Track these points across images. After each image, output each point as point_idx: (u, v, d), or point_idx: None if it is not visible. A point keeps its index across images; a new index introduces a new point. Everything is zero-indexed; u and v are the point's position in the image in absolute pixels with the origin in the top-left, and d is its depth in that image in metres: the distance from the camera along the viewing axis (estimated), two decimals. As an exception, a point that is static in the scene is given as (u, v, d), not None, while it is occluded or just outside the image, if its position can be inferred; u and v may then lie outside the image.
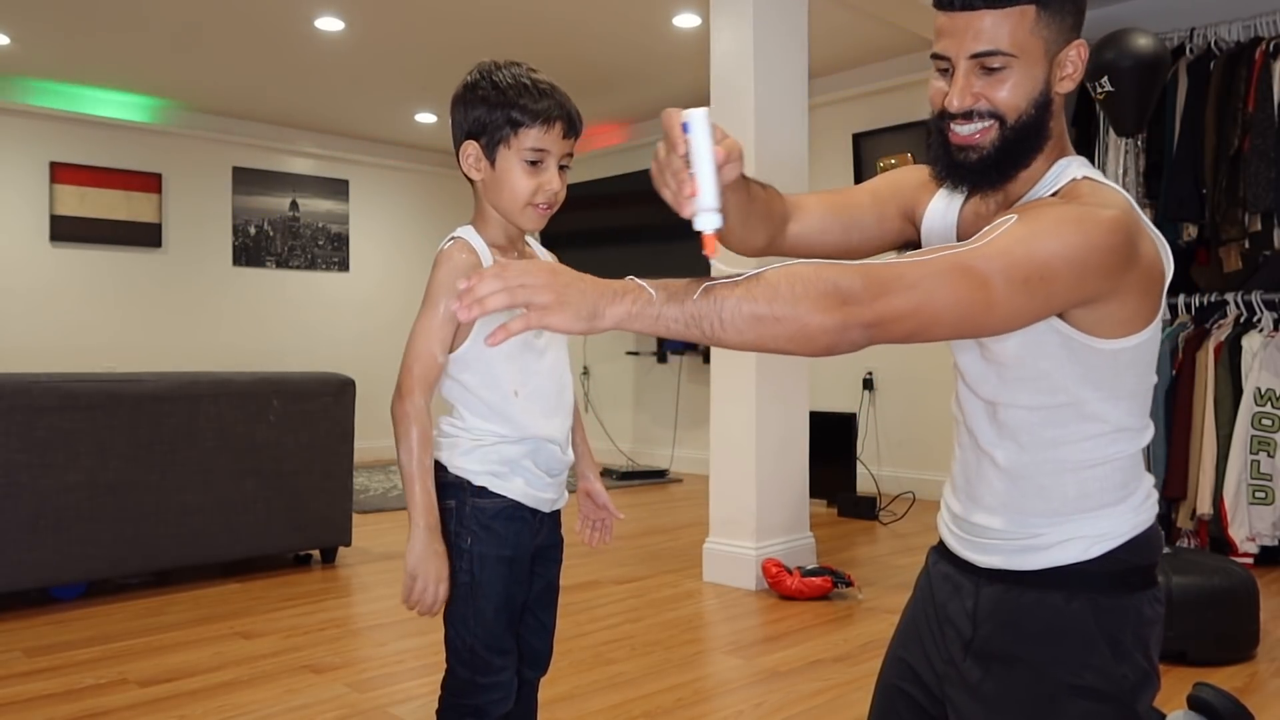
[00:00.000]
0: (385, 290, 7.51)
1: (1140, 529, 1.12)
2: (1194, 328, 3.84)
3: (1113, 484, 1.11)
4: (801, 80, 3.59)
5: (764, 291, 0.92)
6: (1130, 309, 1.03)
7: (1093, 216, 0.98)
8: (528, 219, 1.37)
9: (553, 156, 1.35)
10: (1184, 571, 2.52)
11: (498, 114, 1.33)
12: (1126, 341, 1.05)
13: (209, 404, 3.40)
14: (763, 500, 3.41)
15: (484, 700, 1.38)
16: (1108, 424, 1.10)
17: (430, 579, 1.32)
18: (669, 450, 6.79)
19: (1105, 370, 1.07)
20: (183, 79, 5.80)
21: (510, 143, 1.34)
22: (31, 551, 3.00)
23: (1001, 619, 1.14)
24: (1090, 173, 1.07)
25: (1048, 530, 1.12)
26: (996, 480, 1.15)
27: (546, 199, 1.36)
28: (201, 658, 2.61)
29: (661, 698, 2.29)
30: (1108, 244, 0.97)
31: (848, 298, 0.92)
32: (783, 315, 0.91)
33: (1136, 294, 1.03)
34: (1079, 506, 1.11)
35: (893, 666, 1.28)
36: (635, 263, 6.51)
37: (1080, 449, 1.10)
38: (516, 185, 1.35)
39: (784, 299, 0.92)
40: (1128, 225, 0.99)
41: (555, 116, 1.34)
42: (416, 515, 1.32)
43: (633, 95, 6.23)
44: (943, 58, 1.07)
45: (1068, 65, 1.07)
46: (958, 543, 1.22)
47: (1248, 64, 3.68)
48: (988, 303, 0.95)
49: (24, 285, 5.97)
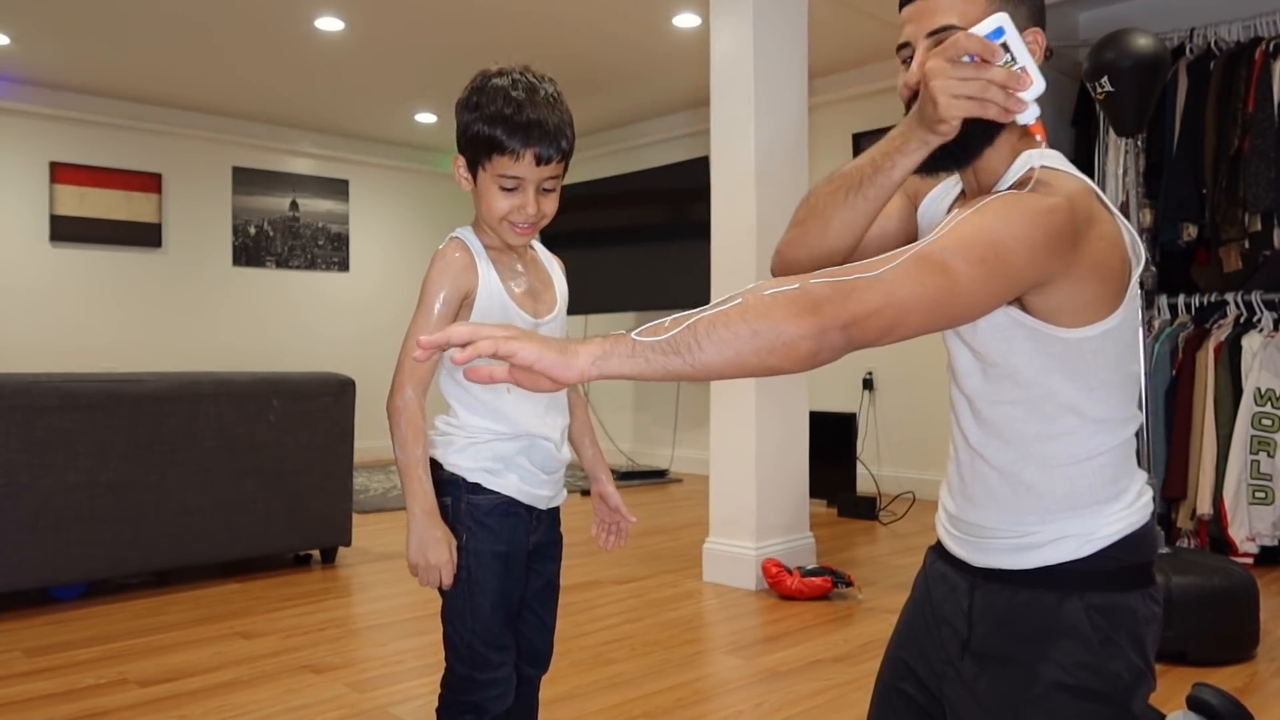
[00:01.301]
0: (385, 290, 7.51)
1: (1134, 527, 1.12)
2: (1194, 328, 3.84)
3: (1103, 480, 1.12)
4: (801, 80, 3.59)
5: (737, 310, 0.93)
6: (1087, 295, 1.06)
7: (1035, 201, 1.02)
8: (508, 235, 1.38)
9: (529, 183, 1.34)
10: (1184, 571, 2.52)
11: (474, 135, 1.34)
12: (1090, 330, 1.07)
13: (209, 404, 3.40)
14: (763, 500, 3.41)
15: (483, 696, 1.39)
16: (1085, 416, 1.10)
17: (430, 565, 1.33)
18: (669, 450, 6.79)
19: (1074, 360, 1.08)
20: (183, 79, 5.80)
21: (485, 166, 1.35)
22: (31, 551, 3.00)
23: (996, 619, 1.14)
24: (1051, 162, 1.10)
25: (1040, 528, 1.12)
26: (988, 478, 1.17)
27: (524, 219, 1.36)
28: (201, 658, 2.61)
29: (661, 698, 2.29)
30: (1049, 224, 1.00)
31: (819, 301, 0.93)
32: (759, 328, 0.92)
33: (1092, 280, 1.05)
34: (1070, 504, 1.12)
35: (891, 666, 1.28)
36: (635, 263, 6.51)
37: (1063, 444, 1.11)
38: (493, 205, 1.36)
39: (756, 311, 0.93)
40: (1071, 209, 1.02)
41: (525, 148, 1.31)
42: (412, 505, 1.34)
43: (633, 95, 6.23)
44: (906, 45, 1.14)
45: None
46: (953, 542, 1.23)
47: (1248, 64, 3.68)
48: (951, 286, 0.97)
49: (24, 285, 5.98)
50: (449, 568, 1.34)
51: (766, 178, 3.42)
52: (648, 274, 6.43)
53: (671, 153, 6.70)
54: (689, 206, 6.02)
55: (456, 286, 1.36)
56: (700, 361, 0.92)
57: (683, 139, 6.65)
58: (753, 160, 3.39)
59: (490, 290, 1.38)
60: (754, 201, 3.39)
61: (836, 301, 0.93)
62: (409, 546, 1.34)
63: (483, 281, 1.38)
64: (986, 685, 1.12)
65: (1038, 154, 1.11)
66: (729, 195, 3.48)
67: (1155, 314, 3.93)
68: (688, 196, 6.05)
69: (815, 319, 0.93)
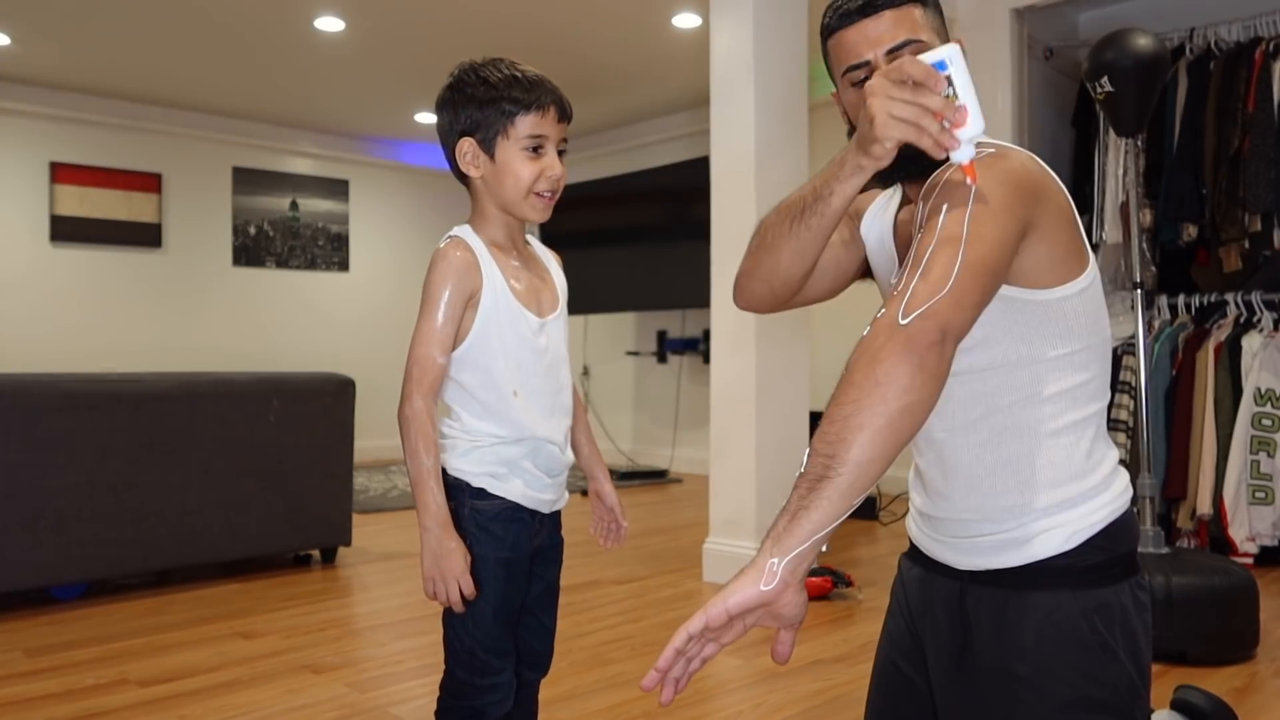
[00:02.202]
0: (385, 290, 7.51)
1: (1118, 514, 1.11)
2: (1194, 328, 3.83)
3: (1081, 452, 1.11)
4: (801, 80, 3.59)
5: (840, 397, 0.90)
6: (1062, 247, 1.08)
7: (999, 164, 1.05)
8: (531, 208, 1.37)
9: (551, 141, 1.36)
10: (1184, 571, 2.52)
11: (491, 107, 1.33)
12: (1070, 287, 1.09)
13: (209, 404, 3.40)
14: (763, 500, 3.41)
15: (483, 702, 1.38)
16: (1063, 382, 1.10)
17: (448, 577, 1.31)
18: (669, 450, 6.79)
19: (1056, 322, 1.09)
20: (183, 79, 5.80)
21: (508, 132, 1.34)
22: (31, 551, 3.00)
23: (992, 627, 1.11)
24: (993, 141, 1.14)
25: (1025, 520, 1.10)
26: (962, 464, 1.14)
27: (549, 185, 1.36)
28: (201, 658, 2.61)
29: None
30: (1015, 176, 1.04)
31: (910, 331, 0.91)
32: (880, 379, 0.89)
33: (1063, 229, 1.08)
34: (1050, 478, 1.10)
35: (887, 655, 1.27)
36: (635, 263, 6.51)
37: (1042, 411, 1.10)
38: (520, 173, 1.34)
39: (862, 373, 0.90)
40: (1027, 165, 1.07)
41: (549, 102, 1.34)
42: (426, 519, 1.31)
43: (633, 95, 6.23)
44: (859, 65, 1.14)
45: None
46: (934, 544, 1.19)
47: (1248, 64, 3.68)
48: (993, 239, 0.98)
49: (24, 285, 5.98)
50: (466, 578, 1.32)
51: (766, 178, 3.42)
52: (648, 274, 6.43)
53: (671, 153, 6.70)
54: (689, 206, 6.01)
55: (461, 287, 1.34)
56: (850, 465, 0.87)
57: (683, 139, 6.65)
58: (753, 160, 3.39)
59: (495, 290, 1.36)
60: (754, 201, 3.39)
61: (928, 316, 0.92)
62: (424, 560, 1.32)
63: (487, 281, 1.36)
64: (992, 706, 1.10)
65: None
66: (729, 195, 3.48)
67: (1155, 314, 3.93)
68: (688, 196, 6.05)
69: (914, 342, 0.91)
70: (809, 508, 0.87)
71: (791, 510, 0.88)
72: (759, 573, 0.87)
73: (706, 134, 3.69)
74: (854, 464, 0.87)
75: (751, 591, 0.86)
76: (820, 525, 0.87)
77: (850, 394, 0.89)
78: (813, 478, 0.88)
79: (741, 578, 0.88)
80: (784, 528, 0.88)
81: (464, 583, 1.32)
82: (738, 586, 0.87)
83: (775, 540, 0.88)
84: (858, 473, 0.87)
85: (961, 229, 0.98)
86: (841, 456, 0.87)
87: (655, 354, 6.88)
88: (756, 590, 0.86)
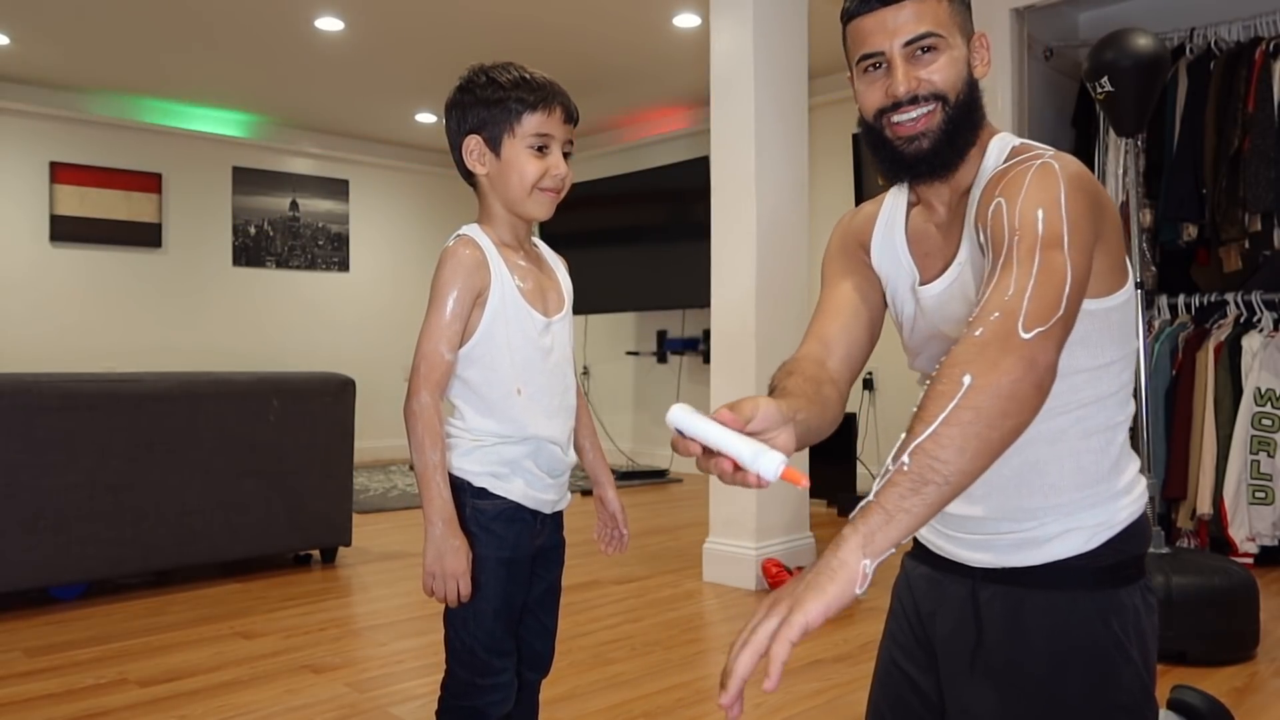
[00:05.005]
0: (385, 290, 7.51)
1: (1135, 516, 1.12)
2: (1194, 328, 3.83)
3: (1110, 457, 1.11)
4: (801, 80, 3.59)
5: (962, 399, 0.85)
6: (1114, 258, 1.07)
7: (1063, 170, 1.03)
8: (536, 205, 1.38)
9: (556, 141, 1.37)
10: (1184, 571, 2.52)
11: (498, 106, 1.35)
12: (1116, 298, 1.09)
13: (209, 404, 3.40)
14: (763, 500, 3.41)
15: (483, 702, 1.38)
16: (1099, 389, 1.10)
17: (448, 574, 1.31)
18: (669, 450, 6.79)
19: (1100, 331, 1.08)
20: (183, 79, 5.80)
21: (515, 130, 1.35)
22: (31, 551, 3.00)
23: (1007, 627, 1.11)
24: (1023, 140, 1.13)
25: (1046, 520, 1.10)
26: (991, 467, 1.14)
27: (554, 183, 1.37)
28: (201, 658, 2.61)
29: (661, 698, 2.29)
30: (1085, 184, 1.02)
31: (1034, 348, 0.88)
32: (1005, 391, 0.85)
33: (1116, 241, 1.07)
34: (1076, 482, 1.10)
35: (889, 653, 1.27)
36: (635, 263, 6.51)
37: (1074, 417, 1.10)
38: (525, 170, 1.35)
39: (984, 378, 0.85)
40: (1089, 174, 1.05)
41: (555, 102, 1.36)
42: (431, 513, 1.32)
43: (633, 95, 6.23)
44: (874, 55, 1.11)
45: (980, 52, 1.14)
46: (946, 542, 1.18)
47: (1248, 64, 3.67)
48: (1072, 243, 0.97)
49: (24, 285, 5.98)
50: (465, 578, 1.32)
51: (766, 178, 3.42)
52: (648, 274, 6.43)
53: (671, 153, 6.70)
54: (689, 206, 6.01)
55: (469, 285, 1.34)
56: (954, 470, 0.84)
57: (683, 139, 6.65)
58: (753, 160, 3.39)
59: (503, 288, 1.37)
60: (754, 201, 3.39)
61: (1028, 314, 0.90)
62: (426, 555, 1.32)
63: (495, 279, 1.37)
64: (1005, 705, 1.10)
65: (1008, 136, 1.15)
66: (729, 195, 3.48)
67: (1155, 314, 3.93)
68: (688, 196, 6.05)
69: (1018, 336, 0.88)
70: (909, 511, 0.83)
71: (890, 510, 0.83)
72: (853, 576, 0.82)
73: (706, 134, 3.69)
74: (963, 475, 0.84)
75: (849, 595, 0.82)
76: (913, 530, 0.84)
77: (972, 399, 0.85)
78: (917, 479, 0.84)
79: (835, 579, 0.81)
80: (878, 526, 0.83)
81: (463, 584, 1.32)
82: (836, 592, 0.81)
83: (867, 538, 0.83)
84: (964, 484, 0.85)
85: (1061, 229, 0.96)
86: (956, 465, 0.84)
87: (655, 354, 6.88)
88: (852, 594, 0.82)
